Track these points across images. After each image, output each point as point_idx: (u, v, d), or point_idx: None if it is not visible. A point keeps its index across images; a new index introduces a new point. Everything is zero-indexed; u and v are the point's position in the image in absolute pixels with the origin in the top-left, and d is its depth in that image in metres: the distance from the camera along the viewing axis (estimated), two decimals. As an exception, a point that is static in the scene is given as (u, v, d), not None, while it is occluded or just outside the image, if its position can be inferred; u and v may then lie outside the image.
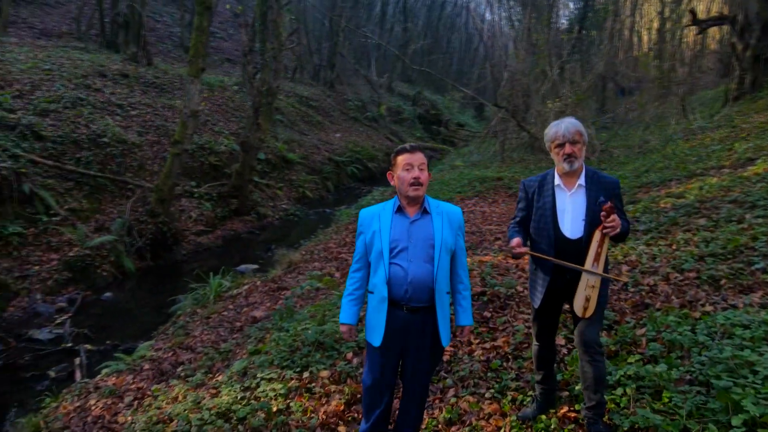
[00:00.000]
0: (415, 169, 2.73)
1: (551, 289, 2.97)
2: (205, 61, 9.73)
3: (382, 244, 2.75)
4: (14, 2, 20.23)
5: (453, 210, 2.89)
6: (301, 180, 15.84)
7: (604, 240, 2.79)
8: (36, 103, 10.91)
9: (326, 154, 18.34)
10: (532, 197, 3.08)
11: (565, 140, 2.88)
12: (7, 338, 7.02)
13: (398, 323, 2.76)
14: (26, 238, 8.70)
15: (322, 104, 22.83)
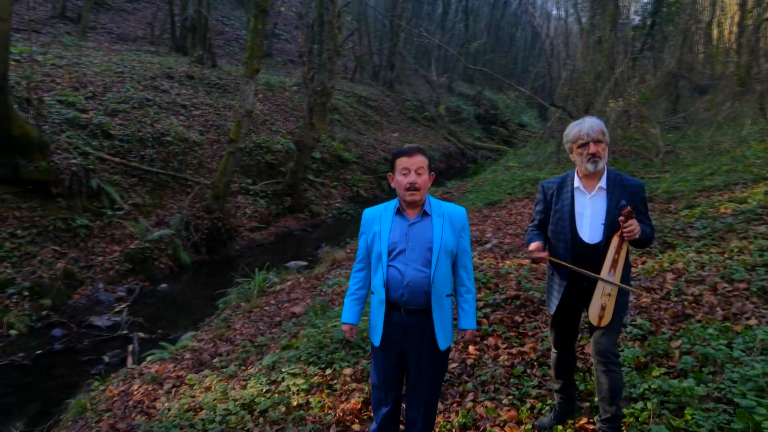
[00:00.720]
0: (411, 173, 2.68)
1: (567, 295, 2.87)
2: (259, 63, 10.02)
3: (381, 246, 2.74)
4: (94, 9, 21.62)
5: (456, 211, 2.82)
6: (355, 179, 16.01)
7: (622, 245, 2.66)
8: (107, 103, 11.60)
9: (382, 154, 18.43)
10: (551, 199, 2.98)
11: (589, 139, 2.76)
12: (70, 324, 7.52)
13: (397, 324, 2.75)
14: (92, 230, 9.28)
15: (381, 104, 22.96)
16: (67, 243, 8.85)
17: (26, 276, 7.94)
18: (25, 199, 8.82)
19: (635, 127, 13.07)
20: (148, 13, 22.28)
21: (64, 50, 14.31)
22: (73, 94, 11.16)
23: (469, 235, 2.86)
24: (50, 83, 11.45)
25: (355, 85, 23.68)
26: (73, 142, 9.77)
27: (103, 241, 9.30)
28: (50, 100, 10.56)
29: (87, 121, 10.56)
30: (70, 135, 9.95)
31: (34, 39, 15.26)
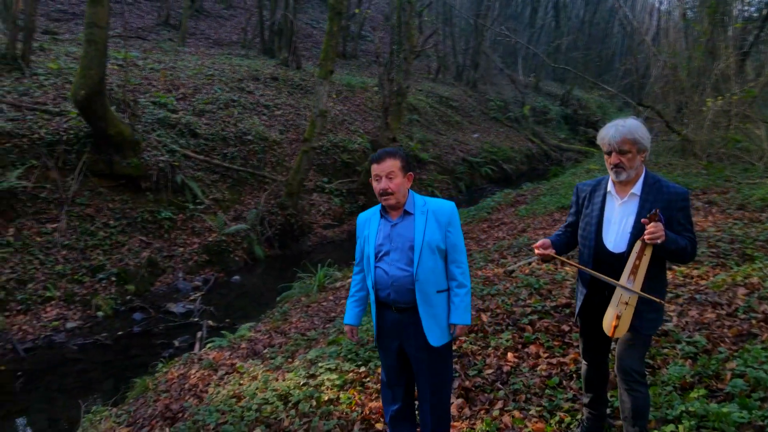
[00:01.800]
0: (383, 179, 2.70)
1: (589, 304, 2.70)
2: (333, 64, 10.25)
3: (369, 249, 2.81)
4: (194, 16, 23.11)
5: (442, 206, 2.80)
6: (431, 179, 15.94)
7: (644, 251, 2.46)
8: (195, 104, 12.37)
9: (461, 155, 18.22)
10: (583, 203, 2.82)
11: (611, 149, 2.59)
12: (149, 309, 8.10)
13: (390, 322, 2.81)
14: (175, 223, 9.93)
15: (463, 104, 22.70)
16: (153, 234, 9.54)
17: (115, 263, 8.65)
18: (118, 192, 9.60)
19: (736, 128, 12.01)
20: (243, 19, 23.44)
21: (162, 55, 15.42)
22: (165, 95, 12.00)
23: (458, 230, 2.81)
24: (147, 86, 12.37)
25: (437, 85, 23.57)
26: (162, 141, 10.51)
27: (185, 233, 9.92)
28: (145, 102, 11.42)
29: (176, 121, 11.31)
30: (160, 134, 10.71)
31: (138, 45, 16.59)
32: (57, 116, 9.62)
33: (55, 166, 9.02)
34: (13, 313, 7.26)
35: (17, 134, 8.91)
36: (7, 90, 10.14)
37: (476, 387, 3.73)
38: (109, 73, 11.54)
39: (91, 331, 7.40)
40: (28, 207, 8.49)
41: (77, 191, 9.07)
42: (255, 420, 3.83)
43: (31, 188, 8.61)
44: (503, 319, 4.68)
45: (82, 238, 8.65)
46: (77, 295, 7.91)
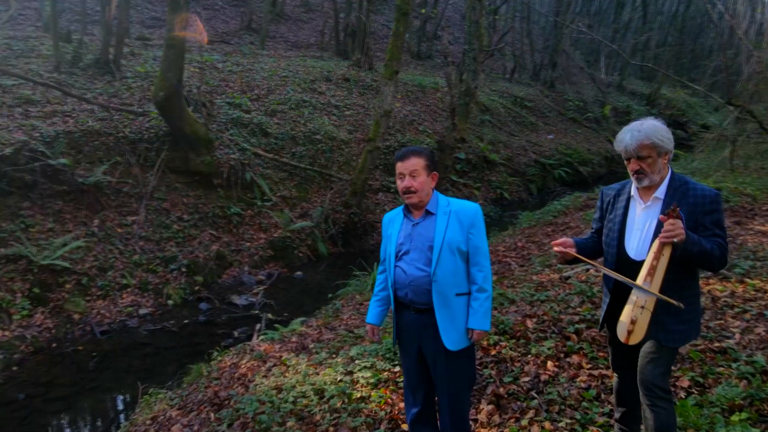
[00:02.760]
0: (406, 177, 2.70)
1: (613, 312, 2.56)
2: (399, 65, 10.28)
3: (391, 248, 2.82)
4: (275, 20, 23.96)
5: (465, 208, 2.75)
6: (500, 181, 15.61)
7: (662, 251, 2.29)
8: (268, 104, 12.83)
9: (533, 156, 17.71)
10: (607, 208, 2.69)
11: (628, 155, 2.44)
12: (214, 300, 8.50)
13: (408, 324, 2.80)
14: (244, 218, 10.35)
15: (538, 105, 22.04)
16: (222, 228, 10.00)
17: (186, 255, 9.14)
18: (192, 188, 10.15)
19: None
20: (321, 22, 24.04)
21: (241, 58, 16.12)
22: (240, 96, 12.54)
23: (482, 232, 2.74)
24: (224, 87, 12.99)
25: (512, 85, 23.03)
26: (234, 139, 10.99)
27: (252, 228, 10.32)
28: (221, 102, 11.99)
29: (249, 121, 11.79)
30: (233, 133, 11.21)
31: (221, 49, 17.44)
32: (140, 116, 10.30)
33: (136, 162, 9.67)
34: (93, 298, 7.86)
35: (105, 133, 9.64)
36: (99, 92, 11.00)
37: (510, 394, 3.62)
38: (190, 76, 12.25)
39: (160, 318, 7.87)
40: (111, 200, 9.16)
41: (155, 186, 9.67)
42: (289, 412, 3.93)
43: (115, 183, 9.28)
44: (549, 326, 4.51)
45: (158, 230, 9.22)
46: (151, 284, 8.43)
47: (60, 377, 6.36)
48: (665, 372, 2.42)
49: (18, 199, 8.21)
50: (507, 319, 4.64)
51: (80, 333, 7.29)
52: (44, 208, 8.41)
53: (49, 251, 7.75)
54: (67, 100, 10.11)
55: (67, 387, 6.19)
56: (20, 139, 8.51)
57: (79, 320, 7.44)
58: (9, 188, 7.98)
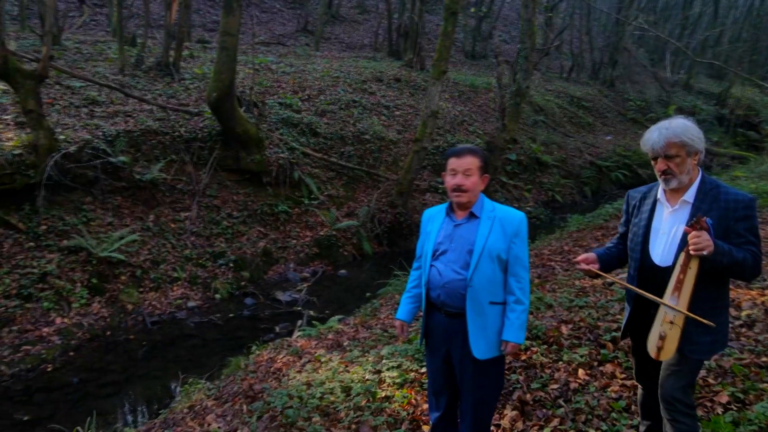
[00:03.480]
0: (459, 175, 2.64)
1: (635, 322, 2.44)
2: (447, 65, 10.21)
3: (429, 245, 2.76)
4: (330, 22, 24.32)
5: (511, 215, 2.67)
6: (552, 183, 15.23)
7: (689, 264, 2.16)
8: (318, 104, 13.03)
9: (588, 158, 17.17)
10: (632, 211, 2.58)
11: (655, 154, 2.33)
12: (259, 295, 8.72)
13: (438, 326, 2.73)
14: (291, 216, 10.56)
15: (596, 104, 21.34)
16: (270, 226, 10.24)
17: (234, 251, 9.42)
18: (242, 185, 10.45)
19: None
20: (375, 23, 24.21)
21: (295, 59, 16.45)
22: (291, 97, 12.80)
23: (524, 243, 2.65)
24: (277, 88, 13.29)
25: (569, 85, 22.41)
26: (284, 139, 11.23)
27: (299, 226, 10.52)
28: (273, 103, 12.28)
29: (299, 120, 12.01)
30: (283, 132, 11.45)
31: (276, 51, 17.86)
32: (195, 116, 10.70)
33: (190, 160, 10.05)
34: (146, 290, 8.23)
35: (162, 132, 10.06)
36: (159, 93, 11.50)
37: (536, 401, 3.53)
38: (245, 77, 12.62)
39: (207, 311, 8.15)
40: (166, 197, 9.55)
41: (207, 184, 10.02)
42: (315, 408, 3.98)
43: (170, 180, 9.68)
44: (584, 333, 4.36)
45: (208, 226, 9.55)
46: (200, 278, 8.74)
47: (112, 364, 6.71)
48: (687, 385, 2.30)
49: (81, 195, 8.70)
50: (541, 324, 4.53)
51: (133, 323, 7.65)
52: (104, 203, 8.87)
53: (107, 244, 8.17)
54: (128, 101, 10.63)
55: (118, 373, 6.52)
56: (84, 137, 9.01)
57: (132, 310, 7.81)
58: (73, 184, 8.47)
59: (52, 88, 10.61)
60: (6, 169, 7.88)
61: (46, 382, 6.22)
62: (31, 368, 6.41)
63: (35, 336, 6.82)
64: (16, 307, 7.00)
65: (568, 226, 9.94)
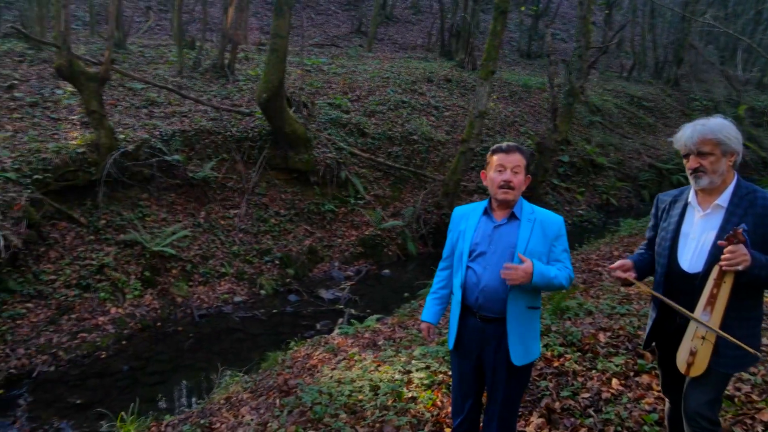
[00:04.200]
0: (507, 171, 2.58)
1: (659, 330, 2.34)
2: (495, 64, 10.05)
3: (463, 245, 2.68)
4: (384, 23, 24.43)
5: (551, 218, 2.61)
6: (607, 186, 14.70)
7: (723, 278, 2.04)
8: (367, 105, 13.13)
9: (647, 160, 16.47)
10: (661, 215, 2.46)
11: (687, 151, 2.21)
12: (303, 292, 8.87)
13: (471, 331, 2.66)
14: (337, 215, 10.69)
15: (658, 104, 20.45)
16: (316, 224, 10.40)
17: (280, 248, 9.63)
18: (290, 184, 10.66)
19: None
20: (429, 23, 24.14)
21: (347, 60, 16.63)
22: (341, 97, 12.95)
23: (565, 246, 2.60)
24: (327, 89, 13.48)
25: (629, 84, 21.58)
26: (332, 138, 11.38)
27: (344, 225, 10.63)
28: (322, 103, 12.47)
29: (347, 121, 12.14)
30: (331, 132, 11.60)
31: (329, 52, 18.12)
32: (247, 116, 11.00)
33: (241, 159, 10.35)
34: (195, 284, 8.53)
35: (215, 131, 10.41)
36: (213, 94, 11.91)
37: (564, 409, 3.43)
38: (296, 78, 12.87)
39: (252, 306, 8.37)
40: (217, 194, 9.88)
41: (257, 182, 10.29)
42: (342, 405, 4.01)
43: (221, 178, 10.00)
44: (623, 342, 4.20)
45: (256, 224, 9.81)
46: (246, 274, 8.99)
47: (160, 354, 7.00)
48: (713, 400, 2.17)
49: (138, 191, 9.12)
50: (577, 330, 4.39)
51: (182, 315, 7.95)
52: (159, 199, 9.27)
53: (160, 239, 8.53)
54: (184, 102, 11.06)
55: (165, 363, 6.80)
56: (142, 137, 9.44)
57: (182, 303, 8.11)
58: (130, 181, 8.89)
59: (116, 90, 11.18)
60: (70, 167, 8.37)
61: (99, 369, 6.57)
62: (86, 354, 6.77)
63: (92, 324, 7.20)
64: (76, 296, 7.42)
65: (619, 231, 9.58)
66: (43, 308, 7.13)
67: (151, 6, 20.59)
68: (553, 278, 2.51)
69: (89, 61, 9.46)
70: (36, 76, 11.01)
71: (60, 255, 7.78)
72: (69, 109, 10.01)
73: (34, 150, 8.27)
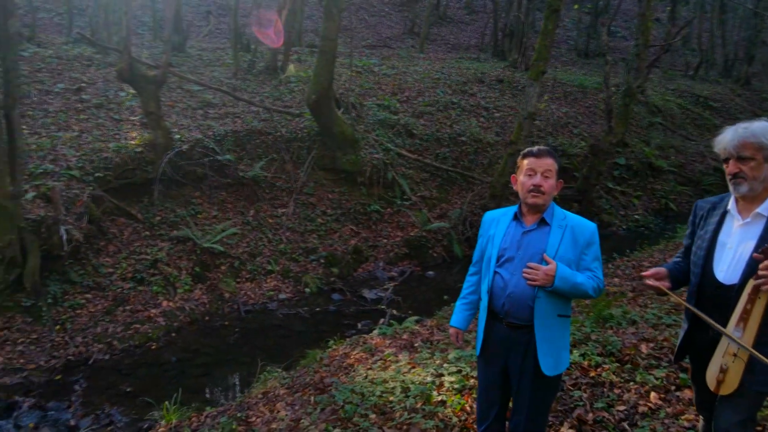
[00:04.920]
0: (537, 175, 2.55)
1: (690, 343, 2.22)
2: (546, 65, 9.81)
3: (492, 250, 2.64)
4: (438, 23, 24.35)
5: (583, 225, 2.54)
6: (666, 190, 14.09)
7: (757, 294, 1.92)
8: (416, 106, 13.12)
9: (712, 163, 15.63)
10: (699, 223, 2.34)
11: (727, 155, 2.10)
12: (346, 292, 8.96)
13: (497, 337, 2.61)
14: (383, 216, 10.74)
15: (726, 105, 19.40)
16: (362, 224, 10.48)
17: (326, 247, 9.76)
18: (337, 184, 10.80)
19: None
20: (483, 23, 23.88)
21: (398, 61, 16.68)
22: (389, 98, 13.00)
23: (597, 254, 2.53)
24: (377, 90, 13.56)
25: (695, 83, 20.59)
26: (379, 139, 11.43)
27: (390, 226, 10.66)
28: (371, 104, 12.55)
29: (395, 122, 12.17)
30: (379, 133, 11.66)
31: (380, 53, 18.22)
32: (297, 117, 11.23)
33: (290, 159, 10.57)
34: (242, 280, 8.77)
35: (265, 132, 10.68)
36: (266, 95, 12.21)
37: (597, 421, 3.32)
38: (347, 79, 13.02)
39: (296, 304, 8.52)
40: (266, 193, 10.12)
41: (305, 182, 10.47)
42: (373, 405, 4.03)
43: (270, 177, 10.24)
44: (666, 354, 4.02)
45: (303, 223, 9.98)
46: (292, 272, 9.16)
47: (206, 347, 7.24)
48: (746, 421, 2.04)
49: (191, 189, 9.47)
50: (617, 340, 4.24)
51: (229, 310, 8.19)
52: (211, 197, 9.59)
53: (211, 235, 8.83)
54: (238, 103, 11.40)
55: (211, 356, 7.03)
56: (197, 137, 9.80)
57: (229, 299, 8.36)
58: (184, 180, 9.25)
59: (175, 92, 11.66)
60: (129, 165, 8.80)
61: (149, 359, 6.86)
62: (138, 345, 7.09)
63: (144, 316, 7.54)
64: (131, 289, 7.78)
65: (675, 237, 9.16)
66: (101, 299, 7.51)
67: (211, 11, 21.34)
68: (579, 284, 2.45)
69: (148, 65, 9.91)
70: (102, 79, 11.62)
71: (118, 249, 8.18)
72: (131, 110, 10.51)
73: (96, 149, 8.74)
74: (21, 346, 6.55)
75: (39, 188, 7.66)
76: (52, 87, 10.87)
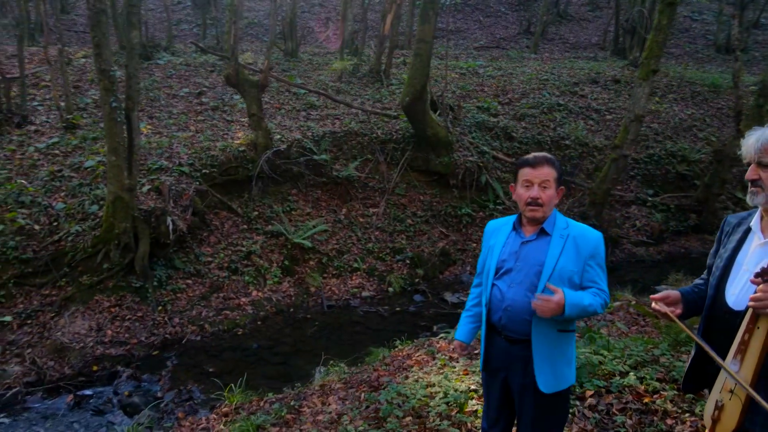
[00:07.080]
0: (534, 187, 2.39)
1: (698, 371, 1.96)
2: (657, 63, 9.01)
3: (491, 262, 2.55)
4: (557, 21, 23.37)
5: (586, 234, 2.37)
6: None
7: (756, 322, 1.66)
8: (518, 108, 12.70)
9: None
10: (723, 240, 2.07)
11: (749, 159, 1.83)
12: (429, 293, 8.94)
13: (497, 351, 2.53)
14: (474, 219, 10.54)
15: None
16: (452, 227, 10.39)
17: (413, 248, 9.80)
18: (429, 186, 10.80)
19: None
20: (606, 20, 22.49)
21: (506, 63, 16.26)
22: (490, 101, 12.71)
23: (602, 266, 2.36)
24: (478, 92, 13.34)
25: None
26: (475, 142, 11.24)
27: (480, 230, 10.36)
28: (470, 107, 12.37)
29: (494, 125, 11.88)
30: (475, 136, 11.46)
31: (488, 55, 17.89)
32: (393, 119, 11.39)
33: (384, 160, 10.74)
34: (329, 276, 9.09)
35: (361, 133, 10.96)
36: (367, 98, 12.53)
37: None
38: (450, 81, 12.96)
39: (378, 302, 8.66)
40: (358, 193, 10.39)
41: (397, 183, 10.60)
42: (411, 408, 4.00)
43: (364, 177, 10.49)
44: (739, 387, 3.54)
45: (392, 223, 10.11)
46: (377, 271, 9.32)
47: (287, 337, 7.61)
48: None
49: (288, 187, 9.99)
50: (682, 366, 3.82)
51: (312, 304, 8.54)
52: (306, 195, 10.05)
53: (302, 231, 9.25)
54: (339, 106, 11.82)
55: (289, 346, 7.38)
56: (296, 137, 10.32)
57: (314, 293, 8.71)
58: (281, 178, 9.78)
59: (283, 95, 12.38)
60: (232, 163, 9.49)
61: (234, 344, 7.36)
62: (226, 330, 7.64)
63: (234, 304, 8.10)
64: (225, 277, 8.39)
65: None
66: (199, 285, 8.19)
67: (330, 17, 22.30)
68: (587, 306, 2.28)
69: (253, 70, 10.60)
70: (221, 84, 12.63)
71: (217, 240, 8.87)
72: (241, 112, 11.32)
73: (206, 148, 9.54)
74: (128, 323, 7.35)
75: (153, 182, 8.53)
76: (178, 91, 12.05)
